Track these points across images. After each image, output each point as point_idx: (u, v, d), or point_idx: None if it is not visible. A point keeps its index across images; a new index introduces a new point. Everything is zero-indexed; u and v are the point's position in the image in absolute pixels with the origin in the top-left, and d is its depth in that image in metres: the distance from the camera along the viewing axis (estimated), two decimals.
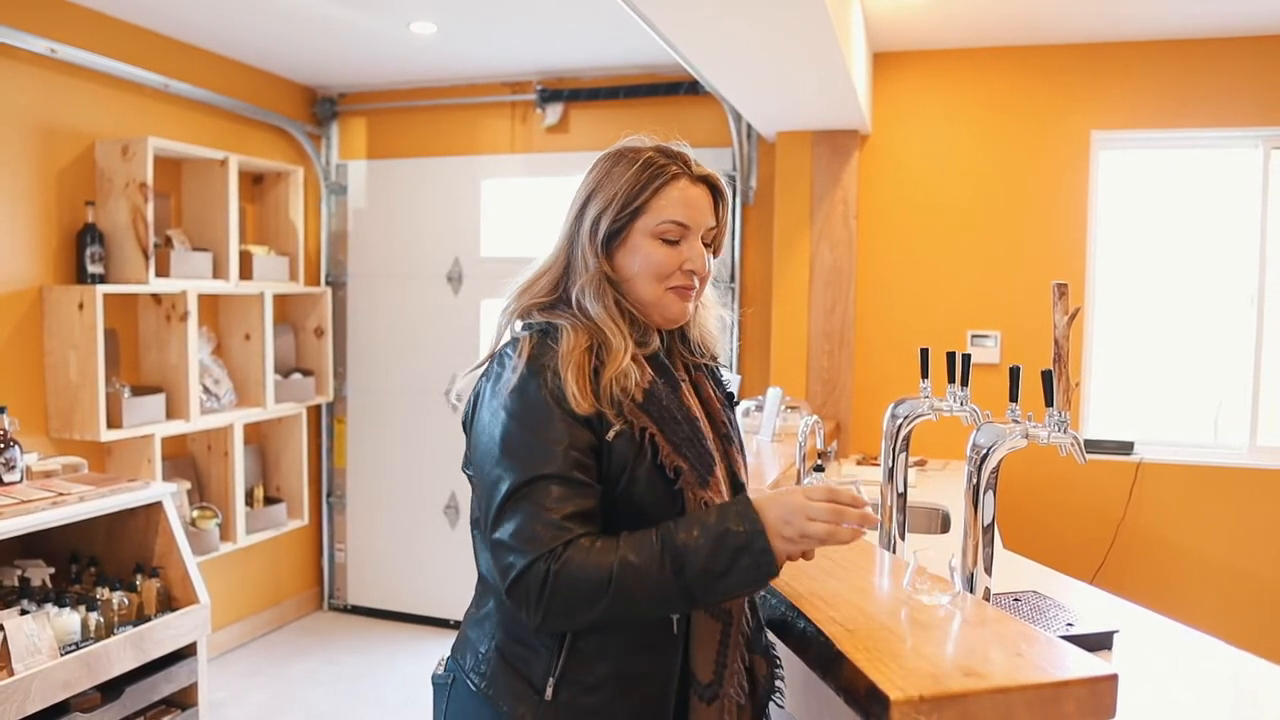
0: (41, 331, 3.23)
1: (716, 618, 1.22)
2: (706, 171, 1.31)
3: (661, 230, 1.26)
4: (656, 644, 1.21)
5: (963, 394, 1.79)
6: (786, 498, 1.14)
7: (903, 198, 3.81)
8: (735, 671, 1.24)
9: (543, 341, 1.22)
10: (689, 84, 3.91)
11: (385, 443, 4.53)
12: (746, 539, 1.12)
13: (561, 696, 1.19)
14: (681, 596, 1.13)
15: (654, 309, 1.29)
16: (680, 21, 2.37)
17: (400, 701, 3.66)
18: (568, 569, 1.12)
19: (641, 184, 1.25)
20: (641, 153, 1.28)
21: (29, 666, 2.08)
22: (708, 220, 1.30)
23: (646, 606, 1.14)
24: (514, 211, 4.32)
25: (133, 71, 3.46)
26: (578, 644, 1.20)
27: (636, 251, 1.26)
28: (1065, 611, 1.70)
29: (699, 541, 1.12)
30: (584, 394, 1.17)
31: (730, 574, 1.12)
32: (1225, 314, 3.63)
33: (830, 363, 3.81)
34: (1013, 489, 3.52)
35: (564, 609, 1.13)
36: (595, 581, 1.11)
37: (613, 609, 1.12)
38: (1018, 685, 1.07)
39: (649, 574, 1.12)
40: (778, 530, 1.12)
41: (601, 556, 1.12)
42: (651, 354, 1.27)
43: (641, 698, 1.20)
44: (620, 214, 1.26)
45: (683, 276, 1.28)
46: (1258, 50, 3.44)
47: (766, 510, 1.14)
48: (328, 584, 4.67)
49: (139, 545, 2.63)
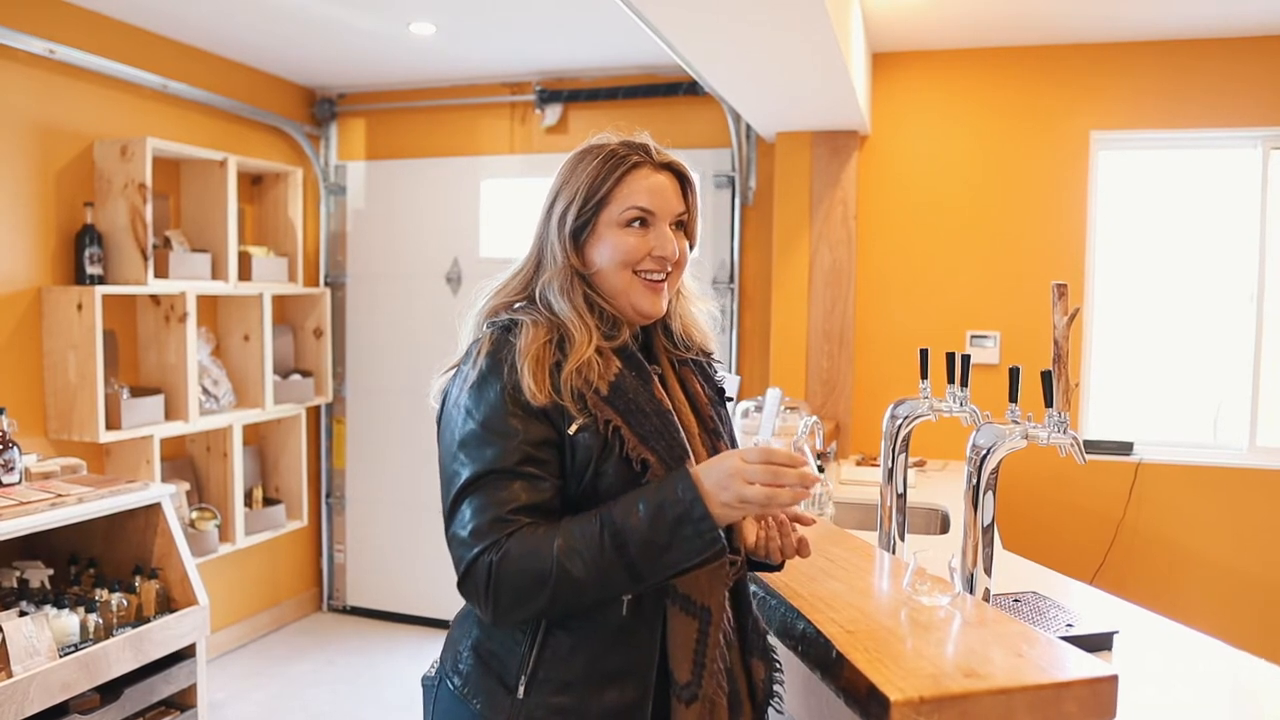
0: (40, 332, 3.23)
1: (692, 615, 1.19)
2: (670, 158, 1.32)
3: (626, 217, 1.27)
4: (630, 642, 1.19)
5: (962, 394, 1.79)
6: (721, 462, 1.13)
7: (902, 198, 3.81)
8: (715, 673, 1.20)
9: (503, 338, 1.23)
10: (688, 84, 3.91)
11: (384, 443, 4.52)
12: (685, 508, 1.10)
13: (533, 696, 1.18)
14: (628, 575, 1.11)
15: (624, 299, 1.28)
16: (679, 22, 2.37)
17: (399, 702, 3.65)
18: (508, 559, 1.12)
19: (603, 175, 1.27)
20: (605, 147, 1.30)
21: (28, 668, 2.08)
22: (674, 206, 1.30)
23: (595, 589, 1.12)
24: (513, 212, 4.32)
25: (131, 72, 3.46)
26: (549, 641, 1.19)
27: (604, 241, 1.27)
28: (1065, 612, 1.70)
29: (638, 517, 1.11)
30: (540, 386, 1.17)
31: (673, 546, 1.10)
32: (1225, 314, 3.63)
33: (830, 363, 3.81)
34: (1012, 490, 3.52)
35: (511, 600, 1.13)
36: (537, 569, 1.11)
37: (561, 594, 1.11)
38: (1018, 686, 1.07)
39: (591, 556, 1.11)
40: (715, 496, 1.10)
41: (542, 543, 1.12)
42: (620, 346, 1.26)
43: (618, 697, 1.18)
44: (585, 207, 1.27)
45: (651, 262, 1.28)
46: (1257, 50, 3.44)
47: (703, 478, 1.12)
48: (327, 585, 4.66)
49: (138, 546, 2.62)
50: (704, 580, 1.19)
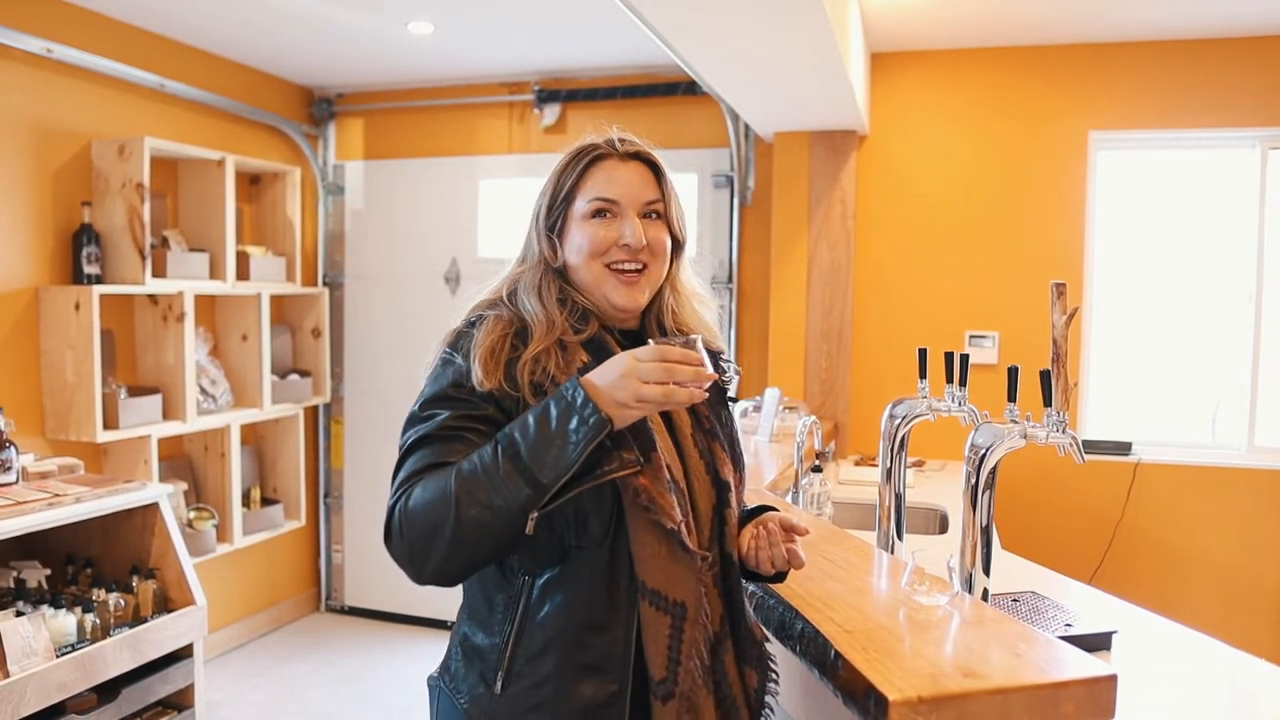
0: (38, 332, 3.22)
1: (664, 611, 1.18)
2: (637, 148, 1.31)
3: (591, 209, 1.28)
4: (602, 636, 1.18)
5: (961, 394, 1.78)
6: (612, 364, 1.13)
7: (901, 198, 3.81)
8: (692, 670, 1.19)
9: (466, 331, 1.25)
10: (687, 84, 3.91)
11: (382, 443, 4.51)
12: (568, 403, 1.11)
13: (510, 690, 1.19)
14: (525, 482, 1.09)
15: (598, 293, 1.29)
16: (678, 21, 2.37)
17: (398, 702, 3.65)
18: (411, 498, 1.14)
19: (569, 169, 1.30)
20: (578, 145, 1.32)
21: (25, 668, 2.08)
22: (643, 195, 1.29)
23: (501, 507, 1.10)
24: (511, 212, 4.31)
25: (129, 71, 3.45)
26: (524, 637, 1.19)
27: (572, 235, 1.29)
28: (1064, 612, 1.70)
29: (526, 424, 1.12)
30: (489, 374, 1.18)
31: (563, 440, 1.09)
32: (1223, 314, 3.63)
33: (828, 363, 3.81)
34: (1011, 489, 3.52)
35: (421, 538, 1.12)
36: (434, 499, 1.12)
37: (466, 518, 1.10)
38: (1016, 686, 1.07)
39: (486, 471, 1.11)
40: (610, 396, 1.10)
41: (443, 474, 1.13)
42: (589, 339, 1.26)
43: (594, 692, 1.17)
44: (555, 204, 1.30)
45: (620, 251, 1.27)
46: (1255, 51, 3.44)
47: (594, 378, 1.12)
48: (325, 585, 4.66)
49: (135, 546, 2.62)
50: (673, 574, 1.19)
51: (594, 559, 1.19)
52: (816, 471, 2.48)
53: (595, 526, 1.18)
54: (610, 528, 1.18)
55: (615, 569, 1.19)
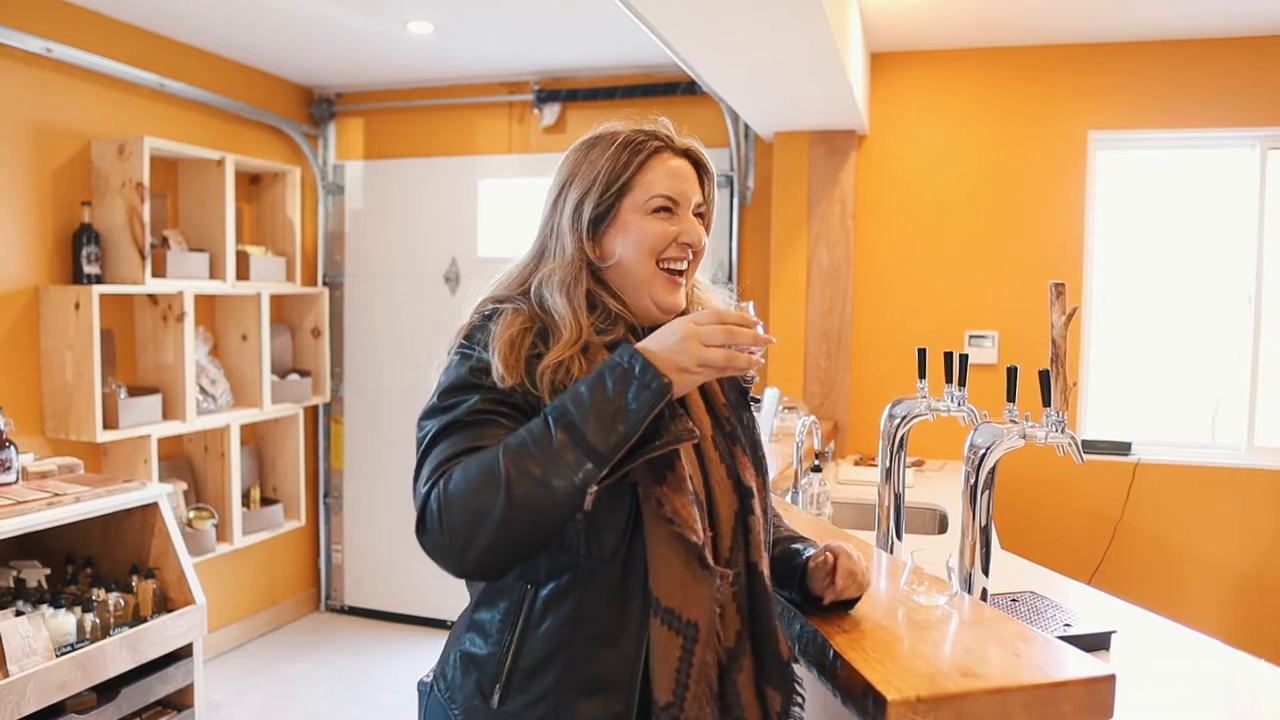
0: (37, 332, 3.22)
1: (675, 631, 1.11)
2: (688, 144, 1.26)
3: (653, 205, 1.22)
4: (611, 650, 1.13)
5: (960, 394, 1.79)
6: (669, 329, 1.09)
7: (900, 198, 3.81)
8: (699, 696, 1.12)
9: (482, 324, 1.20)
10: (686, 84, 3.91)
11: (382, 443, 4.51)
12: (625, 369, 1.06)
13: (508, 705, 1.13)
14: (585, 455, 1.03)
15: (644, 292, 1.23)
16: (677, 22, 2.37)
17: (397, 702, 3.65)
18: (451, 481, 1.06)
19: (624, 161, 1.22)
20: (619, 134, 1.24)
21: (24, 668, 2.08)
22: (695, 194, 1.25)
23: (557, 484, 1.03)
24: (511, 212, 4.32)
25: (129, 71, 3.45)
26: (525, 648, 1.14)
27: (628, 229, 1.22)
28: (1063, 612, 1.70)
29: (580, 396, 1.06)
30: (511, 370, 1.13)
31: (624, 408, 1.04)
32: (1222, 314, 3.63)
33: (828, 363, 3.81)
34: (1010, 489, 3.52)
35: (464, 524, 1.03)
36: (479, 479, 1.04)
37: (518, 497, 1.02)
38: (1015, 686, 1.07)
39: (538, 443, 1.04)
40: (671, 361, 1.06)
41: (488, 454, 1.06)
42: (613, 342, 1.19)
43: (596, 712, 1.12)
44: (605, 195, 1.21)
45: (678, 249, 1.23)
46: (1254, 51, 3.44)
47: (651, 344, 1.09)
48: (325, 585, 4.66)
49: (135, 546, 2.62)
50: (690, 592, 1.12)
51: (605, 570, 1.13)
52: (816, 471, 2.48)
53: (609, 536, 1.13)
54: (626, 538, 1.13)
55: (628, 582, 1.13)
